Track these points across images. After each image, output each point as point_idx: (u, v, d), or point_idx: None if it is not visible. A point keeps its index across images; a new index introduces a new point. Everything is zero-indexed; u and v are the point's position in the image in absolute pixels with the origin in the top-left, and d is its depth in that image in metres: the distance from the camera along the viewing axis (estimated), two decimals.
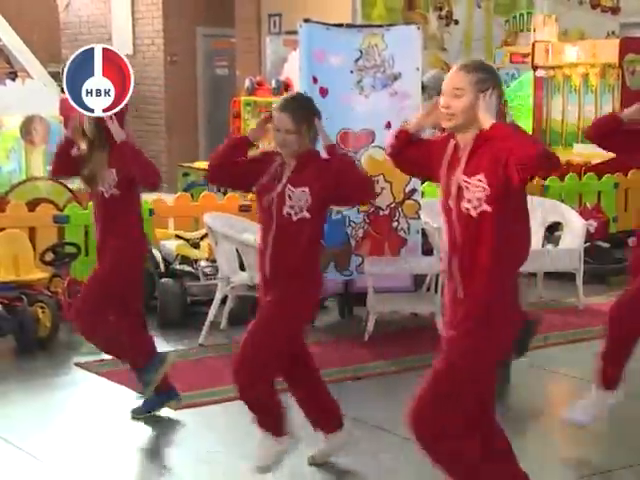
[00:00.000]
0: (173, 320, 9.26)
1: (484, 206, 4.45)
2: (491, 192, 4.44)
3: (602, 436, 6.67)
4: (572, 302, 10.35)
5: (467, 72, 4.54)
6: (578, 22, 16.94)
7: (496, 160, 4.40)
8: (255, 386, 5.60)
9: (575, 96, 14.66)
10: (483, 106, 4.45)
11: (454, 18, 16.75)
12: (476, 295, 4.52)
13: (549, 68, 14.92)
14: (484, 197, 4.45)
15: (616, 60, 13.99)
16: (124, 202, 6.62)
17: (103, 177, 6.51)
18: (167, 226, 10.42)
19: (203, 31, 17.82)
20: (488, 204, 4.45)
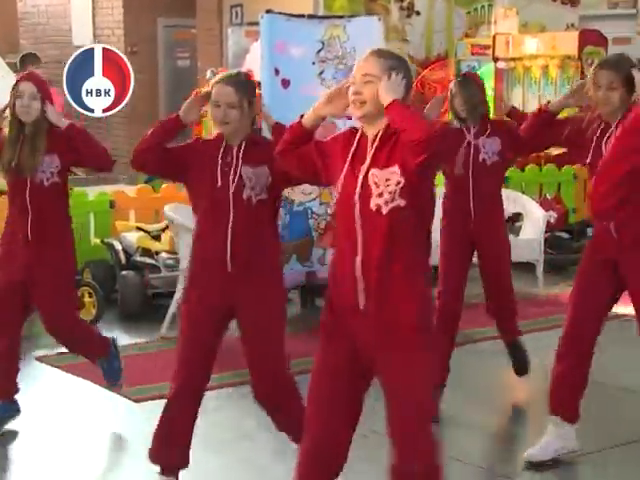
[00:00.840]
0: (134, 312, 9.22)
1: (398, 200, 4.19)
2: (405, 183, 4.18)
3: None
4: (532, 292, 10.40)
5: (379, 57, 4.33)
6: (538, 14, 16.98)
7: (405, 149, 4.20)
8: (291, 401, 5.52)
9: (535, 87, 14.71)
10: (386, 85, 4.19)
11: (415, 9, 16.76)
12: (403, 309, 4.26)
13: (509, 60, 14.96)
14: (398, 190, 4.19)
15: (575, 52, 14.05)
16: (63, 191, 6.44)
17: (38, 164, 6.19)
18: (128, 218, 10.36)
19: (164, 22, 17.73)
20: (402, 197, 4.19)
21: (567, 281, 10.46)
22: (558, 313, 9.07)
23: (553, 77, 14.46)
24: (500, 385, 7.79)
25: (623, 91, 5.95)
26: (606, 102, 5.96)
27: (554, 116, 6.34)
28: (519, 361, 7.47)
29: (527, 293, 10.43)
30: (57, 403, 7.19)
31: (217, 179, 5.25)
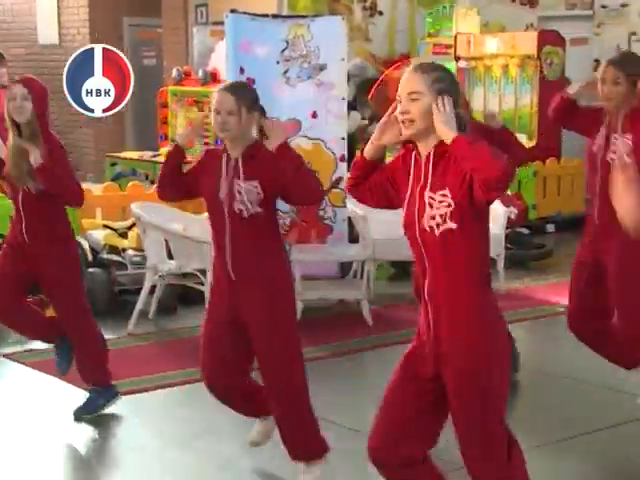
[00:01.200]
0: (101, 309, 9.14)
1: (448, 223, 4.05)
2: (455, 208, 4.03)
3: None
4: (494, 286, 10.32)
5: (422, 73, 4.17)
6: (498, 15, 17.05)
7: (460, 175, 4.03)
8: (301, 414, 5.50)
9: (495, 86, 14.77)
10: (441, 119, 4.04)
11: (378, 9, 16.76)
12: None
13: (470, 59, 15.01)
14: (449, 213, 4.04)
15: (534, 52, 14.11)
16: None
17: (24, 177, 6.20)
18: (95, 216, 10.30)
19: (129, 21, 17.63)
20: (453, 221, 4.04)
21: (527, 276, 10.68)
22: (519, 307, 9.22)
23: (513, 76, 14.53)
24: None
25: (627, 87, 6.13)
26: (611, 96, 6.15)
27: (575, 102, 6.47)
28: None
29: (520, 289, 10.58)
30: (24, 400, 7.15)
31: (214, 190, 5.30)
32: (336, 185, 9.37)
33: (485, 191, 3.89)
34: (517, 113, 14.37)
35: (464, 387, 4.12)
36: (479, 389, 4.11)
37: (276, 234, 5.52)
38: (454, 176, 4.03)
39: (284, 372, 5.41)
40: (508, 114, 14.39)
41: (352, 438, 5.72)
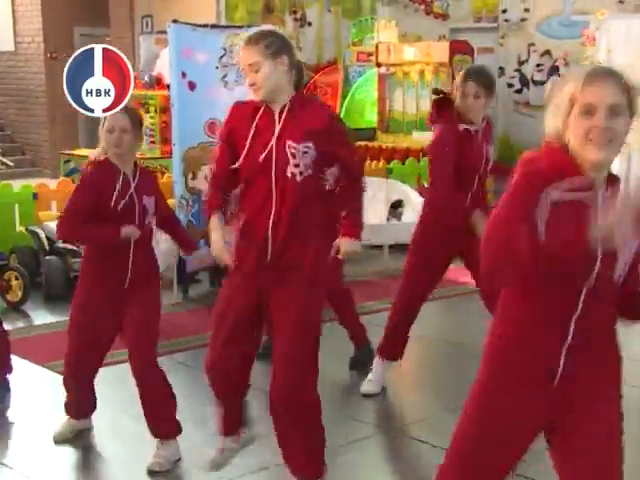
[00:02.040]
0: (57, 294, 9.02)
1: (309, 170, 4.40)
2: (317, 159, 4.42)
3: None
4: None
5: (255, 44, 4.42)
6: (414, 26, 17.08)
7: (322, 135, 4.40)
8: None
9: (413, 90, 14.76)
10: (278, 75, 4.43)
11: (307, 21, 16.78)
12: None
13: (390, 65, 14.98)
14: (310, 163, 4.39)
15: (447, 59, 14.15)
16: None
17: None
18: (50, 208, 10.13)
19: (80, 30, 17.39)
20: (312, 169, 4.42)
21: None
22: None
23: (428, 81, 14.54)
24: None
25: (486, 98, 6.14)
26: (473, 109, 6.09)
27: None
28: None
29: None
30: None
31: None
32: None
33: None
34: None
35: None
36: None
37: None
38: (316, 134, 4.39)
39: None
40: (424, 115, 14.38)
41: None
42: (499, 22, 16.60)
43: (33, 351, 7.31)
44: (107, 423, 6.00)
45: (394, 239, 10.80)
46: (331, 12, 17.17)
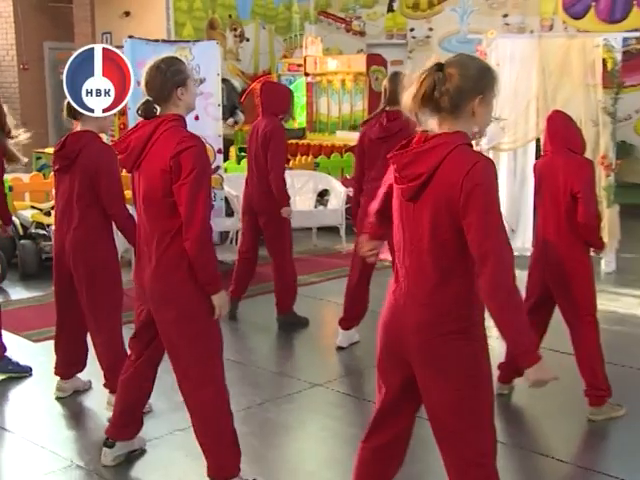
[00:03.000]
0: (31, 272, 8.94)
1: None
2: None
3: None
4: (337, 248, 10.48)
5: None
6: (337, 42, 17.15)
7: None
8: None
9: (336, 96, 14.77)
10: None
11: (246, 37, 16.71)
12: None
13: (317, 75, 14.97)
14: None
15: (364, 70, 14.19)
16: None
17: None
18: (24, 199, 10.00)
19: (49, 45, 17.09)
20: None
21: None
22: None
23: (349, 88, 14.60)
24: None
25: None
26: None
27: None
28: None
29: (333, 249, 10.54)
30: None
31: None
32: (215, 172, 9.24)
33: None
34: (352, 116, 14.41)
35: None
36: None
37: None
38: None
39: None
40: (346, 117, 14.49)
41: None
42: (408, 39, 16.77)
43: (11, 322, 7.19)
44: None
45: (321, 223, 10.88)
46: (265, 29, 17.13)
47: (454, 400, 3.24)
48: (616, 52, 8.98)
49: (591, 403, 5.43)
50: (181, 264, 4.04)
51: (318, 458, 5.02)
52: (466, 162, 3.06)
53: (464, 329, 3.20)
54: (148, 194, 4.09)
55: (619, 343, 6.79)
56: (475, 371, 3.25)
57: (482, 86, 3.16)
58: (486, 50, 9.51)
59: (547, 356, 5.95)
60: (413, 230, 3.20)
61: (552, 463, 4.88)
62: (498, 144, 9.51)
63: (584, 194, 5.24)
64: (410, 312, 3.23)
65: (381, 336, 3.39)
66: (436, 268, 3.17)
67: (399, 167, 3.18)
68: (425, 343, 3.20)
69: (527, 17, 15.22)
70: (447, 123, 3.15)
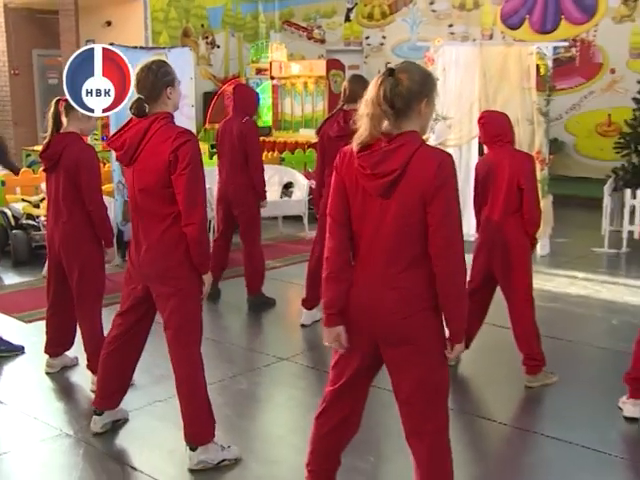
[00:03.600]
0: (23, 260, 8.84)
1: None
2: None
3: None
4: (301, 235, 10.45)
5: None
6: (299, 48, 17.12)
7: None
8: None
9: (299, 97, 14.72)
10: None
11: (217, 44, 16.66)
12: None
13: (281, 78, 14.91)
14: None
15: (324, 74, 14.16)
16: None
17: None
18: (15, 192, 9.87)
19: (37, 52, 16.88)
20: None
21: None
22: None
23: (310, 90, 14.55)
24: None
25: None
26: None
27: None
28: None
29: (297, 236, 10.52)
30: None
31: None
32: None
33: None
34: (314, 116, 14.37)
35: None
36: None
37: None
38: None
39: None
40: (308, 116, 14.45)
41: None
42: (363, 46, 16.76)
43: (4, 305, 7.13)
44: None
45: (286, 212, 10.84)
46: (235, 37, 17.08)
47: (423, 375, 3.27)
48: (548, 59, 9.04)
49: (528, 372, 5.49)
50: (178, 246, 4.09)
51: (285, 424, 5.03)
52: (435, 157, 3.14)
53: (432, 308, 3.23)
54: (146, 186, 4.11)
55: (553, 318, 6.86)
56: (439, 349, 3.28)
57: (427, 89, 3.20)
58: (434, 56, 9.52)
59: (490, 331, 6.07)
60: (380, 222, 3.20)
61: (493, 426, 4.93)
62: (445, 140, 9.54)
63: (528, 186, 5.29)
64: (382, 295, 3.22)
65: (348, 318, 3.34)
66: (405, 254, 3.19)
67: (370, 166, 3.16)
68: (395, 324, 3.21)
69: (470, 27, 15.27)
70: (399, 122, 3.15)
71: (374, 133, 3.16)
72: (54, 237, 5.29)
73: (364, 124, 3.17)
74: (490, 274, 5.51)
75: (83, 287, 5.27)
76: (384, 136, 3.17)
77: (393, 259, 3.20)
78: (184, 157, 3.99)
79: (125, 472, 4.32)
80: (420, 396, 3.29)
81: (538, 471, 4.36)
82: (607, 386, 5.35)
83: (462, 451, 4.57)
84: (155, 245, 4.17)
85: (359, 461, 4.26)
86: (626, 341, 5.37)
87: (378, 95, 3.12)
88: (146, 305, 4.36)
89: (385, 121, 3.15)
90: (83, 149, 5.18)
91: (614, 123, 13.41)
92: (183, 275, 4.16)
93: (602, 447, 4.56)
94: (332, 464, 3.70)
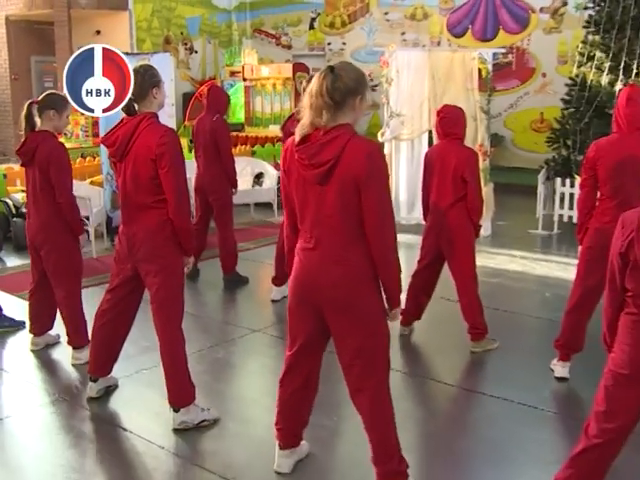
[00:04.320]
0: (23, 245, 8.52)
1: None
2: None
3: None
4: (271, 220, 10.40)
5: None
6: (269, 53, 17.01)
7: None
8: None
9: (269, 97, 14.66)
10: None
11: (194, 49, 16.55)
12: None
13: (253, 80, 14.83)
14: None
15: (291, 76, 14.13)
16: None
17: None
18: (16, 184, 9.71)
19: (35, 58, 16.62)
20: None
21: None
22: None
23: (279, 90, 14.52)
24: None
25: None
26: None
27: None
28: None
29: (267, 221, 10.46)
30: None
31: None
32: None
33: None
34: (282, 113, 14.31)
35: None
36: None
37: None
38: None
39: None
40: (277, 113, 14.37)
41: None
42: (326, 51, 16.68)
43: (7, 285, 7.01)
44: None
45: (257, 199, 10.80)
46: (211, 43, 16.96)
47: (360, 342, 3.27)
48: (488, 64, 9.04)
49: (472, 339, 5.51)
50: (164, 228, 4.09)
51: (258, 388, 5.00)
52: (365, 147, 3.13)
53: (372, 280, 3.22)
54: (137, 177, 4.11)
55: (494, 292, 6.89)
56: (377, 317, 3.29)
57: (362, 87, 3.21)
58: (388, 60, 9.49)
59: (440, 304, 6.08)
60: (320, 206, 3.19)
61: (442, 387, 4.93)
62: (399, 135, 9.56)
63: (471, 178, 5.29)
64: (325, 271, 3.22)
65: (295, 291, 3.37)
66: (344, 234, 3.19)
67: (308, 157, 3.16)
68: (338, 295, 3.21)
69: (420, 35, 15.26)
70: (336, 115, 3.14)
71: (315, 122, 3.15)
72: (31, 226, 5.21)
73: (306, 115, 3.17)
74: (438, 254, 5.51)
75: (61, 272, 5.18)
76: (321, 129, 3.16)
77: (335, 238, 3.20)
78: (168, 154, 3.99)
79: (116, 432, 4.28)
80: (360, 360, 3.30)
81: (482, 426, 4.38)
82: (541, 351, 5.38)
83: (414, 410, 4.59)
84: (143, 229, 4.15)
85: (325, 419, 4.26)
86: (557, 311, 5.41)
87: (320, 88, 3.12)
88: (134, 283, 4.33)
89: (325, 113, 3.12)
90: (54, 147, 5.08)
91: (546, 120, 13.49)
92: (168, 254, 4.15)
93: (537, 404, 4.59)
94: (298, 422, 3.71)
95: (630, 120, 4.50)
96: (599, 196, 4.68)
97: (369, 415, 3.39)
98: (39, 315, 5.53)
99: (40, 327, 5.58)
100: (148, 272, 4.19)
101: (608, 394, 2.94)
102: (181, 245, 4.15)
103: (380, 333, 3.32)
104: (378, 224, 3.13)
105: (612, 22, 9.86)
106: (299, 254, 3.33)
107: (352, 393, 3.42)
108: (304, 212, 3.27)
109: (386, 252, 3.18)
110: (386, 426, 3.41)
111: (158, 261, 4.16)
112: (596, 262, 4.45)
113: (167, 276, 4.17)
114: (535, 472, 3.82)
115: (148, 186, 4.08)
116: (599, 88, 9.78)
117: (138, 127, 4.07)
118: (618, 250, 2.85)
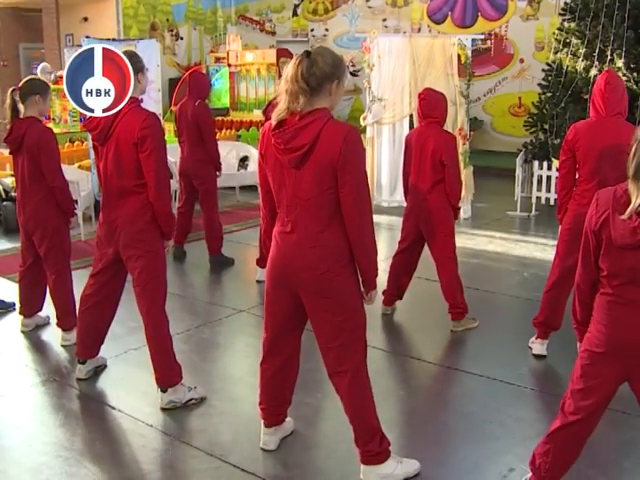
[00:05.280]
0: (13, 228, 8.58)
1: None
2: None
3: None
4: (255, 203, 10.29)
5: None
6: (253, 39, 16.86)
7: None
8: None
9: (253, 82, 14.53)
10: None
11: (180, 36, 16.41)
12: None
13: (237, 65, 14.69)
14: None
15: (275, 61, 13.97)
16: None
17: None
18: (5, 169, 9.59)
19: (24, 45, 16.42)
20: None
21: None
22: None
23: (263, 75, 14.36)
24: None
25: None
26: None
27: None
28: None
29: (252, 203, 10.39)
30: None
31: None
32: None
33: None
34: (266, 98, 14.16)
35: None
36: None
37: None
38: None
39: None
40: (261, 98, 14.25)
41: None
42: (309, 37, 16.54)
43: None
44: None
45: (242, 182, 10.76)
46: (196, 30, 16.81)
47: (337, 325, 3.24)
48: (467, 49, 9.00)
49: (453, 318, 5.50)
50: (145, 212, 4.06)
51: (244, 367, 4.97)
52: (341, 131, 3.07)
53: (348, 263, 3.19)
54: (118, 160, 4.05)
55: (474, 272, 6.89)
56: (354, 299, 3.25)
57: (339, 73, 3.15)
58: (370, 45, 9.42)
59: (421, 284, 6.06)
60: (296, 190, 3.15)
61: (423, 365, 4.93)
62: (381, 119, 9.51)
63: (449, 163, 5.25)
64: (301, 254, 3.18)
65: (272, 274, 3.33)
66: (320, 217, 3.15)
67: (283, 141, 3.10)
68: (315, 278, 3.18)
69: (401, 21, 15.16)
70: (313, 99, 3.09)
71: (291, 107, 3.09)
72: (23, 211, 5.13)
73: (283, 100, 3.11)
74: (418, 235, 5.49)
75: (52, 255, 5.14)
76: (297, 114, 3.10)
77: (312, 221, 3.16)
78: (150, 139, 3.95)
79: (105, 411, 4.25)
80: (338, 343, 3.27)
81: (462, 402, 4.37)
82: (520, 329, 5.39)
83: (395, 388, 4.58)
84: (124, 214, 4.10)
85: (308, 397, 4.25)
86: (536, 291, 5.41)
87: (296, 73, 3.06)
88: (116, 267, 4.28)
89: (301, 97, 3.06)
90: (42, 131, 5.01)
91: (524, 105, 13.46)
92: (149, 238, 4.11)
93: (516, 381, 4.60)
94: (281, 402, 3.70)
95: (608, 105, 4.49)
96: (578, 177, 4.67)
97: (348, 397, 3.37)
98: (29, 298, 5.47)
99: (30, 309, 5.52)
100: (130, 257, 4.14)
101: (584, 372, 2.93)
102: (161, 229, 4.11)
103: (357, 316, 3.29)
104: (355, 208, 3.09)
105: (587, 10, 9.84)
106: (276, 237, 3.28)
107: (330, 375, 3.40)
108: (280, 196, 3.22)
109: (362, 235, 3.14)
110: (366, 407, 3.40)
111: (139, 245, 4.11)
112: (575, 243, 4.43)
113: (149, 260, 4.13)
114: (514, 447, 3.82)
115: (129, 170, 4.03)
116: (575, 74, 9.78)
117: (121, 111, 4.02)
118: (592, 228, 2.82)
